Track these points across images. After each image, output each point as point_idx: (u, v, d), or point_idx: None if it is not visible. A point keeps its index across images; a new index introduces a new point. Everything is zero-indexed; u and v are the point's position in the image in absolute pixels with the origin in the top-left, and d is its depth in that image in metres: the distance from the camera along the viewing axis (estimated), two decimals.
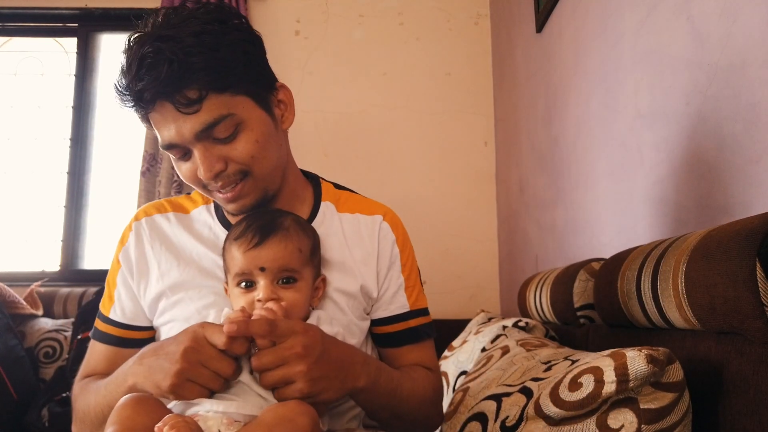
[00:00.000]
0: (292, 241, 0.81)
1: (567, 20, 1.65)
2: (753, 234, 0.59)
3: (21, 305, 2.28)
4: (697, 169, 0.97)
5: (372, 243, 0.93)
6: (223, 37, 0.77)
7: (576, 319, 1.18)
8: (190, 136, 0.77)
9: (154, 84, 0.74)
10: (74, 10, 2.81)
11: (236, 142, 0.79)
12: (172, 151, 0.81)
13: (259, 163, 0.82)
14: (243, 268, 0.79)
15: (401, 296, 0.95)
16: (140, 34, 0.77)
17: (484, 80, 2.70)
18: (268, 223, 0.81)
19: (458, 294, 2.57)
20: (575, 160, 1.58)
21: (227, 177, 0.81)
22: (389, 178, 2.63)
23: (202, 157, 0.79)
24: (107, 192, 2.79)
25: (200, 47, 0.74)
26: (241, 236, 0.80)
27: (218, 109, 0.77)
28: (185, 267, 0.89)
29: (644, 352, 0.61)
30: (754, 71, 0.82)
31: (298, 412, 0.68)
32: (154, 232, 0.92)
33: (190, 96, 0.75)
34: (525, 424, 0.71)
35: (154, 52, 0.73)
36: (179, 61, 0.73)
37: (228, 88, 0.77)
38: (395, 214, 0.99)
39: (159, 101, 0.76)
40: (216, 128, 0.77)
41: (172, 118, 0.77)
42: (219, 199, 0.85)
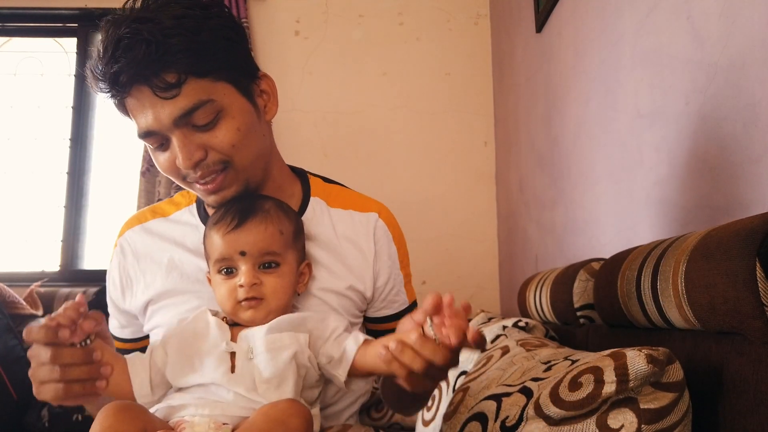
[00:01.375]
0: (272, 222, 0.78)
1: (567, 20, 1.65)
2: (753, 234, 0.59)
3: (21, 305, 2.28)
4: (697, 169, 0.97)
5: (368, 242, 0.91)
6: (204, 21, 0.75)
7: (576, 319, 1.18)
8: (169, 122, 0.74)
9: (130, 66, 0.71)
10: (74, 10, 2.81)
11: (217, 130, 0.76)
12: (149, 140, 0.78)
13: (240, 152, 0.78)
14: (223, 253, 0.77)
15: (402, 293, 0.95)
16: (117, 17, 0.74)
17: (484, 80, 2.70)
18: (247, 206, 0.79)
19: (458, 294, 2.56)
20: (575, 160, 1.58)
21: (207, 167, 0.78)
22: (389, 178, 2.63)
23: (180, 144, 0.75)
24: (107, 192, 2.78)
25: (180, 29, 0.72)
26: (220, 220, 0.78)
27: (198, 94, 0.74)
28: (168, 275, 0.88)
29: (644, 352, 0.61)
30: (754, 71, 0.82)
31: (290, 414, 0.67)
32: (136, 246, 0.92)
33: (169, 80, 0.72)
34: (525, 424, 0.71)
35: (131, 33, 0.71)
36: (157, 43, 0.70)
37: (208, 73, 0.75)
38: (389, 210, 0.97)
39: (136, 85, 0.73)
40: (195, 114, 0.74)
41: (150, 103, 0.74)
42: (199, 191, 0.82)
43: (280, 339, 0.74)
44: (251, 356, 0.73)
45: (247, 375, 0.73)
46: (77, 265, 2.71)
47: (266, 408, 0.69)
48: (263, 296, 0.76)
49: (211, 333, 0.76)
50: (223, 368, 0.73)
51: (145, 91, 0.73)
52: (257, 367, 0.73)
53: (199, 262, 0.87)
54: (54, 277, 2.61)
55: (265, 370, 0.72)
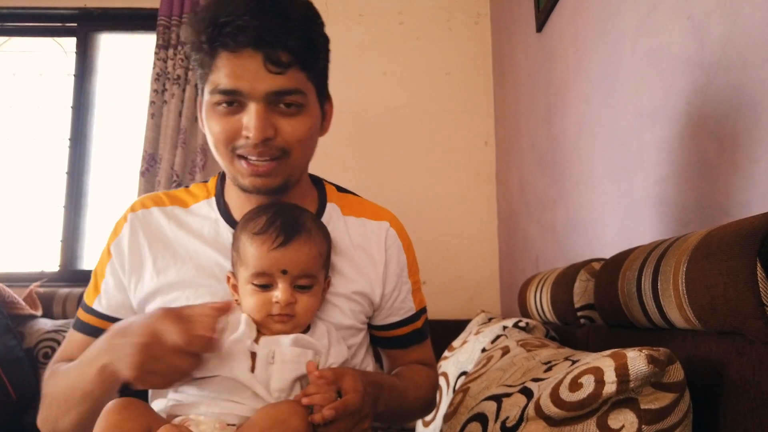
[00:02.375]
0: (315, 244, 0.80)
1: (567, 20, 1.65)
2: (753, 234, 0.59)
3: (20, 305, 2.28)
4: (698, 168, 0.97)
5: (379, 250, 0.94)
6: (319, 24, 0.81)
7: (576, 319, 1.18)
8: (262, 92, 0.76)
9: (259, 29, 0.73)
10: (73, 10, 2.81)
11: (293, 120, 0.79)
12: (226, 97, 0.77)
13: (300, 149, 0.81)
14: (264, 269, 0.77)
15: (409, 301, 0.98)
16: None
17: (484, 80, 2.70)
18: (291, 221, 0.79)
19: (458, 294, 2.57)
20: (576, 159, 1.58)
21: (270, 147, 0.78)
22: (389, 178, 2.63)
23: (260, 117, 0.76)
24: (107, 192, 2.78)
25: (306, 21, 0.78)
26: (264, 233, 0.78)
27: (297, 82, 0.78)
28: (182, 265, 0.86)
29: (645, 353, 0.61)
30: (755, 71, 0.82)
31: (290, 413, 0.67)
32: (150, 226, 0.89)
33: (282, 58, 0.75)
34: (525, 425, 0.70)
35: (271, 1, 0.74)
36: (293, 21, 0.75)
37: (309, 69, 0.79)
38: (399, 220, 1.00)
39: (251, 48, 0.74)
40: (288, 97, 0.78)
41: (254, 69, 0.75)
42: (242, 169, 0.80)
43: (304, 354, 0.76)
44: (271, 361, 0.75)
45: (264, 378, 0.74)
46: (77, 265, 2.71)
47: (267, 408, 0.69)
48: (295, 314, 0.78)
49: (240, 329, 0.76)
50: (245, 365, 0.74)
51: (257, 58, 0.75)
52: (275, 373, 0.74)
53: (216, 256, 0.86)
54: (53, 277, 2.62)
55: (281, 378, 0.74)
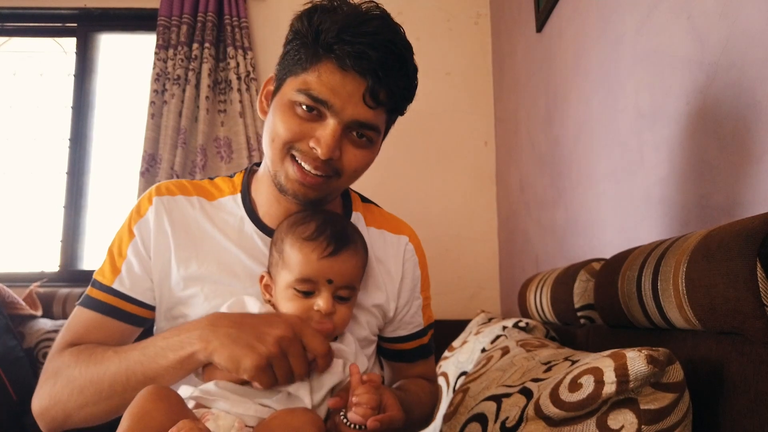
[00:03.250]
0: (360, 257, 0.81)
1: (567, 20, 1.65)
2: (753, 234, 0.59)
3: (20, 306, 2.28)
4: (698, 168, 0.97)
5: (397, 264, 0.95)
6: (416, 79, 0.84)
7: (576, 319, 1.18)
8: (349, 118, 0.77)
9: (377, 63, 0.75)
10: (73, 10, 2.81)
11: (359, 151, 0.80)
12: (313, 104, 0.77)
13: (352, 176, 0.83)
14: (311, 276, 0.76)
15: (419, 316, 0.99)
16: (383, 14, 0.79)
17: (484, 80, 2.70)
18: (341, 231, 0.80)
19: (458, 294, 2.57)
20: (576, 159, 1.58)
21: (327, 165, 0.79)
22: (389, 178, 2.63)
23: (335, 136, 0.76)
24: (106, 192, 2.78)
25: (413, 74, 0.82)
26: (314, 239, 0.77)
27: (379, 120, 0.80)
28: (203, 259, 0.84)
29: (644, 353, 0.61)
30: (755, 71, 0.82)
31: (305, 422, 0.68)
32: (174, 213, 0.86)
33: (380, 97, 0.77)
34: (525, 425, 0.70)
35: (398, 45, 0.77)
36: (405, 70, 0.79)
37: (394, 113, 0.83)
38: (417, 235, 1.02)
39: (361, 75, 0.75)
40: (367, 131, 0.79)
41: (351, 93, 0.76)
42: (293, 173, 0.79)
43: (337, 364, 0.77)
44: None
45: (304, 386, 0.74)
46: (77, 266, 2.71)
47: (283, 413, 0.69)
48: (333, 323, 0.78)
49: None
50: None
51: (360, 85, 0.76)
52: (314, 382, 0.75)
53: (239, 254, 0.85)
54: (53, 277, 2.62)
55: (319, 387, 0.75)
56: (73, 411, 0.77)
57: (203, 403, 0.72)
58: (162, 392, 0.68)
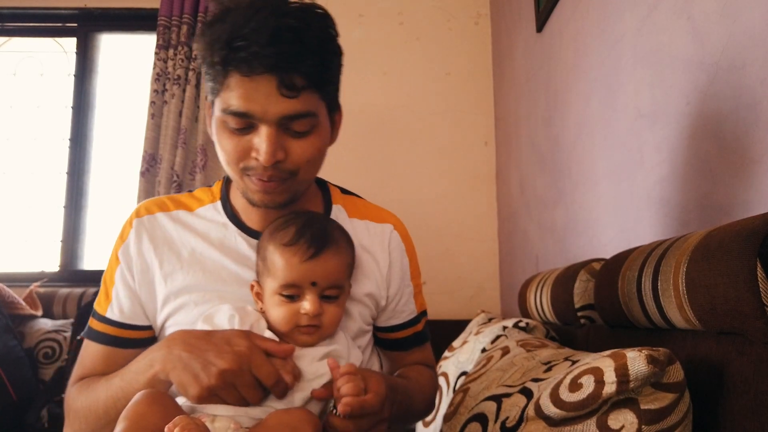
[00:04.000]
0: (343, 256, 0.80)
1: (567, 20, 1.65)
2: (753, 234, 0.59)
3: (20, 306, 2.28)
4: (698, 169, 0.97)
5: (383, 253, 0.94)
6: (333, 43, 0.82)
7: (576, 319, 1.18)
8: (275, 116, 0.76)
9: (274, 56, 0.73)
10: (73, 10, 2.82)
11: (304, 141, 0.79)
12: (236, 119, 0.77)
13: (308, 168, 0.82)
14: (294, 281, 0.76)
15: (411, 303, 0.98)
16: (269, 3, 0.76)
17: (484, 80, 2.70)
18: (320, 232, 0.79)
19: (458, 294, 2.57)
20: (576, 160, 1.58)
21: (278, 171, 0.79)
22: (389, 178, 2.63)
23: (271, 141, 0.76)
24: (107, 192, 2.79)
25: (320, 43, 0.78)
26: (294, 244, 0.77)
27: (309, 105, 0.78)
28: (188, 269, 0.86)
29: (644, 353, 0.61)
30: (755, 71, 0.82)
31: (302, 421, 0.68)
32: (155, 231, 0.89)
33: (296, 82, 0.75)
34: (525, 425, 0.70)
35: (287, 28, 0.74)
36: (308, 46, 0.75)
37: (321, 90, 0.80)
38: (402, 223, 1.00)
39: (267, 73, 0.74)
40: (299, 121, 0.77)
41: (266, 92, 0.75)
42: (252, 186, 0.81)
43: (322, 366, 0.77)
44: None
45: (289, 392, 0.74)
46: (77, 266, 2.71)
47: (280, 413, 0.70)
48: (322, 325, 0.78)
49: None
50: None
51: (272, 82, 0.74)
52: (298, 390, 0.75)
53: (223, 260, 0.86)
54: (53, 277, 2.62)
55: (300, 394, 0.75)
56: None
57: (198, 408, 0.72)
58: (156, 395, 0.69)
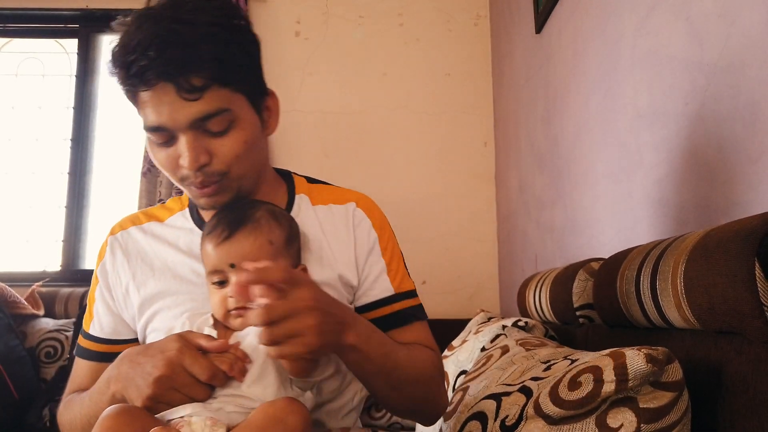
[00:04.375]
0: (262, 233, 0.78)
1: (566, 21, 1.65)
2: (752, 234, 0.60)
3: (22, 305, 2.28)
4: (696, 169, 0.97)
5: (347, 232, 0.92)
6: (234, 33, 0.78)
7: (575, 318, 1.18)
8: (185, 122, 0.75)
9: (162, 64, 0.72)
10: (75, 11, 2.82)
11: (225, 139, 0.78)
12: (156, 134, 0.78)
13: (240, 163, 0.81)
14: (215, 265, 0.78)
15: (384, 280, 0.92)
16: (152, 12, 0.75)
17: (483, 81, 2.71)
18: (237, 216, 0.80)
19: (458, 294, 2.57)
20: (575, 160, 1.59)
21: (207, 174, 0.79)
22: (389, 179, 2.63)
23: (190, 146, 0.77)
24: (108, 192, 2.79)
25: (213, 38, 0.75)
26: (212, 231, 0.79)
27: (218, 102, 0.76)
28: (160, 276, 0.88)
29: (643, 352, 0.61)
30: (753, 71, 0.82)
31: (288, 411, 0.67)
32: (128, 245, 0.92)
33: (195, 83, 0.74)
34: (525, 424, 0.71)
35: (169, 32, 0.73)
36: (192, 47, 0.73)
37: (230, 83, 0.77)
38: (369, 199, 0.97)
39: (162, 82, 0.74)
40: (212, 120, 0.76)
41: (170, 101, 0.75)
42: (193, 193, 0.83)
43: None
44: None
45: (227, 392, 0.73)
46: (78, 265, 2.72)
47: (265, 406, 0.69)
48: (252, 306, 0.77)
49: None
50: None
51: (169, 89, 0.74)
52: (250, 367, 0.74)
53: (193, 264, 0.88)
54: (55, 276, 2.62)
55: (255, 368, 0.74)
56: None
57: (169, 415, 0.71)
58: (124, 409, 0.69)
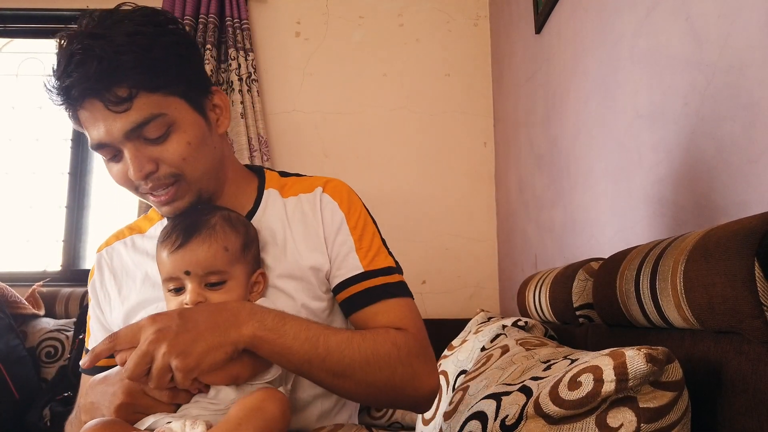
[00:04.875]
0: (216, 240, 0.78)
1: (566, 21, 1.65)
2: (751, 234, 0.60)
3: (23, 305, 2.28)
4: (696, 169, 0.97)
5: (315, 216, 0.91)
6: (156, 38, 0.76)
7: (575, 318, 1.18)
8: (120, 135, 0.76)
9: (82, 81, 0.73)
10: (76, 12, 2.81)
11: (167, 144, 0.78)
12: (101, 152, 0.79)
13: (191, 165, 0.80)
14: (169, 273, 0.78)
15: (352, 258, 0.89)
16: (71, 32, 0.75)
17: (483, 81, 2.71)
18: (192, 223, 0.79)
19: (458, 294, 2.57)
20: (574, 160, 1.59)
21: (158, 179, 0.79)
22: (389, 179, 2.63)
23: (132, 156, 0.77)
24: (108, 192, 2.79)
25: (132, 46, 0.74)
26: (166, 239, 0.79)
27: (149, 108, 0.76)
28: (141, 287, 0.89)
29: (643, 351, 0.61)
30: (753, 72, 0.82)
31: (264, 399, 0.68)
32: (114, 261, 0.93)
33: (120, 94, 0.74)
34: (524, 423, 0.71)
35: (83, 49, 0.72)
36: (109, 59, 0.72)
37: (160, 88, 0.76)
38: (338, 181, 0.96)
39: (88, 99, 0.74)
40: (146, 128, 0.76)
41: (102, 116, 0.75)
42: (153, 203, 0.84)
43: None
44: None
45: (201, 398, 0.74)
46: (79, 265, 2.72)
47: (242, 399, 0.69)
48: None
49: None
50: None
51: (97, 105, 0.75)
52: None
53: None
54: (56, 277, 2.62)
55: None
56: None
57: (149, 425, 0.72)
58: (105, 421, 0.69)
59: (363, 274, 0.88)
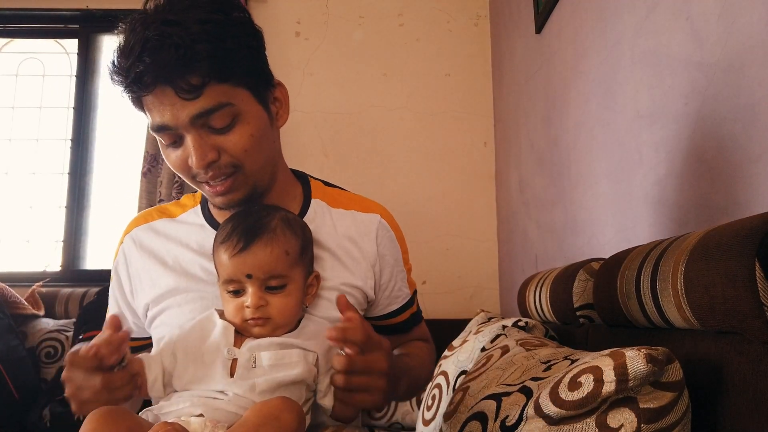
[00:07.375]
0: (278, 244, 0.78)
1: (566, 21, 1.65)
2: (752, 234, 0.60)
3: (22, 305, 2.28)
4: (696, 169, 0.97)
5: (371, 243, 0.93)
6: (228, 28, 0.77)
7: (575, 318, 1.18)
8: (186, 120, 0.76)
9: (157, 67, 0.73)
10: (75, 12, 2.82)
11: (231, 134, 0.79)
12: (162, 135, 0.79)
13: (251, 157, 0.81)
14: (230, 275, 0.77)
15: (405, 288, 1.00)
16: (144, 16, 0.75)
17: (483, 81, 2.71)
18: (253, 224, 0.79)
19: (458, 294, 2.57)
20: (574, 160, 1.59)
21: (218, 168, 0.79)
22: (389, 179, 2.64)
23: (195, 144, 0.77)
24: (108, 192, 2.79)
25: (206, 35, 0.74)
26: (227, 240, 0.78)
27: (217, 97, 0.76)
28: (171, 274, 0.89)
29: (643, 352, 0.61)
30: (753, 72, 0.82)
31: (282, 409, 0.67)
32: (142, 244, 0.92)
33: (193, 82, 0.74)
34: (525, 424, 0.71)
35: (159, 35, 0.72)
36: (185, 47, 0.73)
37: (229, 78, 0.77)
38: (389, 212, 1.00)
39: (159, 85, 0.74)
40: (213, 116, 0.77)
41: (170, 102, 0.75)
42: (207, 192, 0.84)
43: (289, 355, 0.75)
44: (253, 365, 0.74)
45: (246, 382, 0.73)
46: (79, 265, 2.72)
47: (259, 405, 0.69)
48: (270, 316, 0.77)
49: (213, 336, 0.76)
50: (222, 372, 0.74)
51: (168, 91, 0.75)
52: (258, 377, 0.73)
53: (203, 262, 0.88)
54: (55, 277, 2.62)
55: (265, 382, 0.73)
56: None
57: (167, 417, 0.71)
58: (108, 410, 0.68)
59: (410, 300, 1.02)
